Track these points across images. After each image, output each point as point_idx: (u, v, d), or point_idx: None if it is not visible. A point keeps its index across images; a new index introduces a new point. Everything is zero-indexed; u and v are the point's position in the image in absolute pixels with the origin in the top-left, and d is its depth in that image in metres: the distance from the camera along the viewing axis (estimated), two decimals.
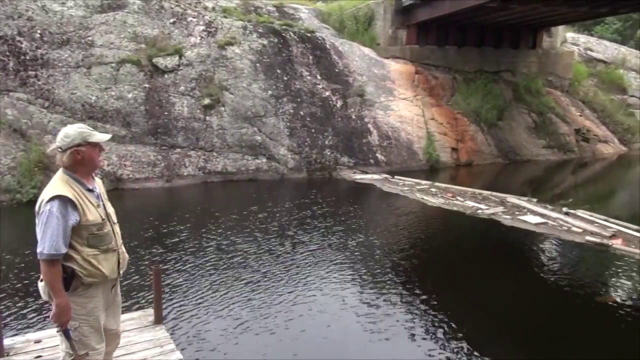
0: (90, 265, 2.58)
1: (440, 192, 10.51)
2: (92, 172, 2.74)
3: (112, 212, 2.81)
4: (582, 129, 16.77)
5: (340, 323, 4.91)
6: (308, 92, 13.33)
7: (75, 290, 2.58)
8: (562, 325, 5.04)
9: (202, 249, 6.81)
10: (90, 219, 2.57)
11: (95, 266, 2.60)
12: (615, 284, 6.06)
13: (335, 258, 6.58)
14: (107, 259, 2.67)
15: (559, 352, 4.53)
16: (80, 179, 2.63)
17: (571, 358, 4.44)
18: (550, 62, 18.00)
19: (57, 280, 2.50)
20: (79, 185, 2.61)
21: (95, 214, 2.61)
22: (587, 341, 4.73)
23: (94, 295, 2.66)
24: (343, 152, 12.72)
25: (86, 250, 2.57)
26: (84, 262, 2.56)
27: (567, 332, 4.89)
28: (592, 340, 4.74)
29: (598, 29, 29.63)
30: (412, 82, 15.41)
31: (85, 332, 2.64)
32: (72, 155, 2.59)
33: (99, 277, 2.63)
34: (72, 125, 2.69)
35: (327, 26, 17.54)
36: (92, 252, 2.59)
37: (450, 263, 6.87)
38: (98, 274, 2.61)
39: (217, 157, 11.53)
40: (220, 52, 12.94)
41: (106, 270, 2.66)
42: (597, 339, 4.75)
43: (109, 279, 2.73)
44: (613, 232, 7.70)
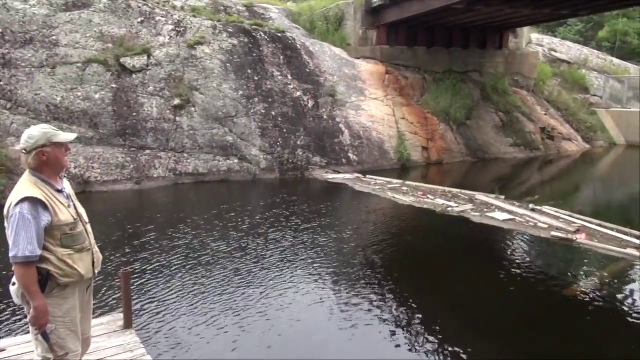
0: (66, 265, 2.57)
1: (411, 190, 10.65)
2: (59, 173, 2.71)
3: (83, 212, 2.81)
4: (547, 127, 17.26)
5: (313, 320, 4.93)
6: (279, 92, 13.31)
7: (51, 291, 2.57)
8: (531, 317, 5.19)
9: (172, 251, 6.73)
10: (62, 219, 2.55)
11: (70, 266, 2.58)
12: (580, 277, 6.26)
13: (307, 256, 6.60)
14: (82, 258, 2.66)
15: (529, 343, 4.66)
16: (48, 179, 2.61)
17: (540, 349, 4.57)
18: (516, 62, 18.46)
19: (33, 283, 2.47)
20: (47, 186, 2.58)
21: (67, 214, 2.60)
22: (556, 332, 4.87)
23: (70, 296, 2.65)
24: (315, 152, 12.75)
25: (60, 250, 2.56)
26: (59, 263, 2.54)
27: (536, 324, 5.03)
28: (560, 331, 4.89)
29: (561, 31, 30.58)
30: (382, 82, 15.57)
31: (62, 335, 2.62)
32: (37, 156, 2.56)
33: (75, 277, 2.62)
34: (35, 126, 2.65)
35: (298, 26, 17.57)
36: (66, 252, 2.58)
37: (421, 260, 6.98)
38: (74, 273, 2.60)
39: (188, 159, 11.39)
40: (190, 52, 12.80)
41: (82, 270, 2.65)
42: (565, 330, 4.90)
43: (85, 279, 2.72)
44: (577, 227, 7.95)
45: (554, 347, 4.59)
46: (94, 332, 3.81)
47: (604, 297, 5.63)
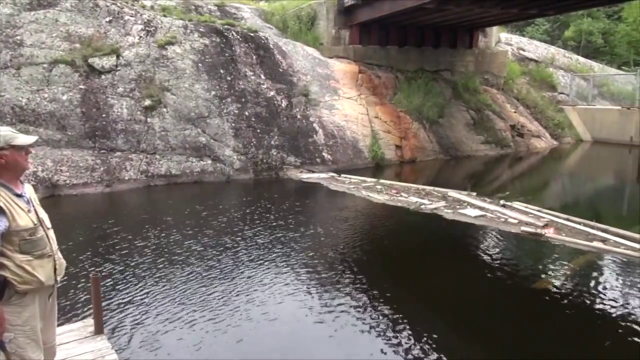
0: (25, 272, 2.49)
1: (385, 189, 10.74)
2: (19, 177, 2.64)
3: (45, 217, 2.73)
4: (517, 124, 17.63)
5: (289, 319, 4.93)
6: (252, 92, 13.24)
7: (9, 299, 2.49)
8: (502, 310, 5.31)
9: (144, 254, 6.62)
10: (20, 224, 2.48)
11: (29, 272, 2.51)
12: (549, 271, 6.42)
13: (281, 256, 6.59)
14: (43, 265, 2.59)
15: (500, 336, 4.76)
16: (7, 184, 2.54)
17: (511, 341, 4.67)
18: (486, 61, 18.79)
19: None
20: (6, 190, 2.51)
21: (26, 219, 2.53)
22: (526, 324, 4.99)
23: (30, 304, 2.57)
24: (289, 151, 12.73)
25: (19, 256, 2.48)
26: (17, 269, 2.47)
27: (507, 317, 5.14)
28: (530, 323, 5.01)
29: (529, 30, 31.29)
30: (356, 82, 15.65)
31: (22, 344, 2.54)
32: None
33: (35, 284, 2.54)
34: None
35: (270, 26, 17.52)
36: (25, 258, 2.50)
37: (395, 256, 7.05)
38: (33, 280, 2.53)
39: (160, 160, 11.23)
40: (161, 52, 12.62)
41: (42, 277, 2.57)
42: (534, 322, 5.02)
43: (46, 286, 2.64)
44: (546, 222, 8.15)
45: (524, 340, 4.70)
46: (64, 339, 3.74)
47: (572, 289, 5.78)
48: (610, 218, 9.12)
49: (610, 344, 4.60)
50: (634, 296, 5.61)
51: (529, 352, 4.49)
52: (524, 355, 4.46)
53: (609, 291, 5.74)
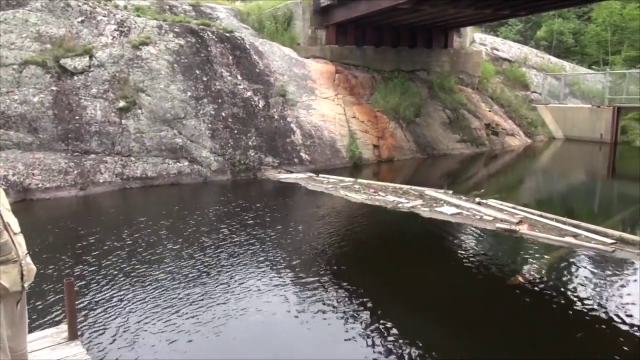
0: None
1: (363, 188, 10.80)
2: None
3: (13, 221, 2.65)
4: (492, 123, 17.93)
5: (267, 317, 4.92)
6: (229, 93, 13.16)
7: None
8: (478, 305, 5.39)
9: (119, 257, 6.53)
10: None
11: None
12: (523, 266, 6.54)
13: (259, 256, 6.57)
14: (8, 270, 2.52)
15: (476, 331, 4.83)
16: None
17: (487, 337, 4.75)
18: (461, 61, 19.05)
19: None
20: None
21: None
22: (501, 318, 5.08)
23: None
24: (267, 152, 12.70)
25: None
26: None
27: (482, 311, 5.23)
28: (506, 319, 5.11)
29: (502, 30, 31.82)
30: (332, 82, 15.69)
31: None
32: None
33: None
34: None
35: (246, 26, 17.46)
36: None
37: (373, 254, 7.10)
38: None
39: (136, 162, 11.08)
40: (135, 53, 12.44)
41: (6, 283, 2.50)
42: (510, 318, 5.12)
43: (11, 293, 2.56)
44: (520, 219, 8.31)
45: (499, 334, 4.79)
46: (37, 345, 3.66)
47: (545, 283, 5.91)
48: (582, 214, 9.37)
49: (583, 335, 4.72)
50: (604, 289, 5.77)
51: (504, 346, 4.58)
52: (500, 349, 4.54)
53: (581, 285, 5.89)
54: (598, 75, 22.24)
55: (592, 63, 29.16)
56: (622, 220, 8.86)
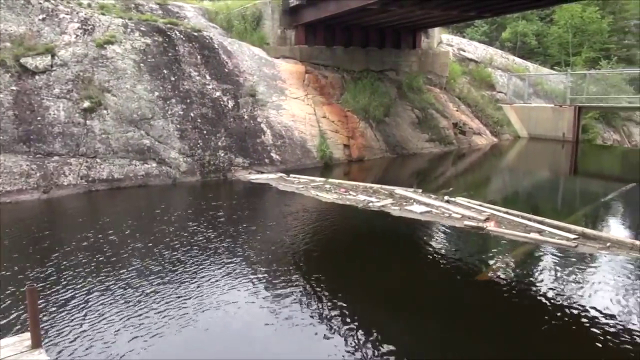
0: None
1: (334, 187, 10.84)
2: None
3: None
4: (459, 122, 18.26)
5: (237, 319, 4.88)
6: (198, 93, 12.99)
7: None
8: (448, 302, 5.48)
9: (84, 261, 6.36)
10: None
11: None
12: (491, 262, 6.68)
13: (229, 257, 6.51)
14: None
15: (445, 327, 4.91)
16: None
17: (459, 330, 4.83)
18: (429, 61, 19.33)
19: None
20: None
21: None
22: (470, 316, 5.18)
23: None
24: (237, 152, 12.59)
25: None
26: None
27: (452, 308, 5.31)
28: (475, 314, 5.21)
29: (469, 31, 32.43)
30: (302, 82, 15.69)
31: None
32: None
33: None
34: None
35: (215, 25, 17.28)
36: None
37: (344, 253, 7.13)
38: None
39: (102, 164, 10.81)
40: (99, 52, 12.14)
41: None
42: (478, 313, 5.23)
43: None
44: (487, 216, 8.49)
45: (469, 326, 4.88)
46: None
47: (513, 278, 6.06)
48: (546, 210, 9.63)
49: (547, 328, 4.85)
50: (568, 283, 5.95)
51: (475, 339, 4.67)
52: (471, 342, 4.63)
53: (546, 279, 6.06)
54: (560, 76, 22.95)
55: (555, 64, 30.03)
56: (584, 216, 9.17)
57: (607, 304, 5.30)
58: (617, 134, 21.43)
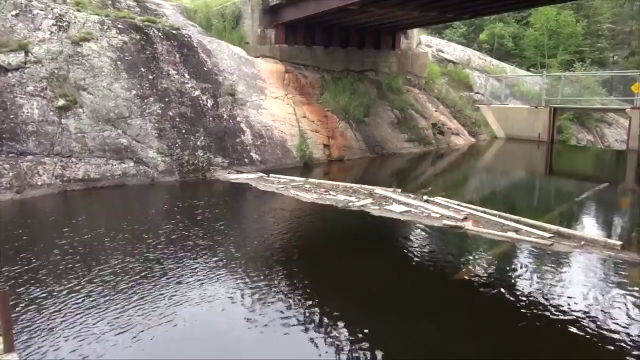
0: None
1: (314, 188, 10.83)
2: None
3: None
4: (438, 123, 18.46)
5: (218, 319, 4.84)
6: (176, 92, 12.85)
7: None
8: (426, 301, 5.53)
9: (57, 263, 6.22)
10: None
11: None
12: (469, 261, 6.77)
13: (208, 258, 6.45)
14: None
15: (424, 325, 4.95)
16: None
17: (438, 327, 4.88)
18: (408, 62, 19.50)
19: None
20: None
21: None
22: (449, 314, 5.23)
23: None
24: (217, 152, 12.49)
25: None
26: None
27: (431, 307, 5.36)
28: (453, 312, 5.26)
29: (447, 33, 32.79)
30: (282, 82, 15.65)
31: None
32: None
33: None
34: None
35: (194, 24, 17.11)
36: None
37: (325, 253, 7.13)
38: None
39: (78, 164, 10.60)
40: (75, 49, 11.90)
41: None
42: (457, 312, 5.29)
43: None
44: (465, 215, 8.59)
45: (448, 324, 4.93)
46: None
47: (490, 277, 6.15)
48: (523, 209, 9.81)
49: (524, 325, 4.94)
50: (544, 281, 6.06)
51: (454, 336, 4.72)
52: (450, 339, 4.67)
53: (523, 277, 6.16)
54: (536, 78, 23.40)
55: (531, 66, 30.58)
56: (560, 215, 9.34)
57: (581, 300, 5.42)
58: (591, 135, 21.94)
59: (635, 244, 7.21)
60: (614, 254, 6.78)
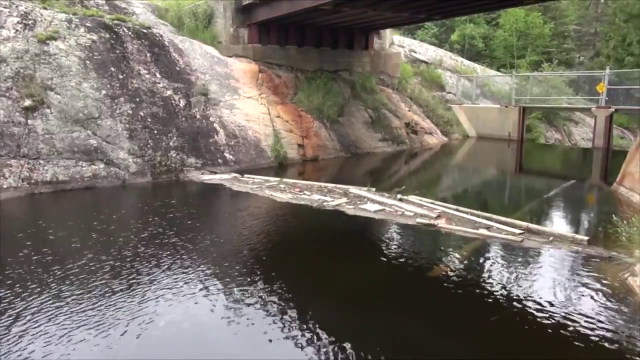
0: None
1: (288, 187, 10.81)
2: None
3: None
4: (411, 122, 18.67)
5: (193, 323, 4.78)
6: (147, 92, 12.64)
7: None
8: (400, 298, 5.58)
9: (24, 269, 6.05)
10: None
11: None
12: (442, 258, 6.86)
13: (184, 260, 6.37)
14: None
15: (398, 322, 5.00)
16: None
17: (409, 326, 4.93)
18: (381, 62, 19.66)
19: None
20: None
21: None
22: (425, 308, 5.30)
23: None
24: (189, 153, 12.34)
25: None
26: None
27: (405, 304, 5.42)
28: (429, 307, 5.33)
29: (419, 34, 33.22)
30: (256, 81, 15.57)
31: None
32: None
33: None
34: None
35: (165, 22, 16.87)
36: None
37: (299, 252, 7.13)
38: None
39: (45, 165, 10.32)
40: (42, 48, 11.60)
41: None
42: (431, 308, 5.36)
43: None
44: (438, 213, 8.71)
45: (423, 320, 5.00)
46: None
47: (463, 273, 6.24)
48: (494, 207, 10.02)
49: (497, 319, 5.05)
50: (515, 276, 6.19)
51: (430, 332, 4.78)
52: (426, 335, 4.73)
53: (494, 273, 6.28)
54: (505, 78, 23.89)
55: (500, 66, 31.24)
56: (529, 212, 9.56)
57: (550, 294, 5.56)
58: (559, 133, 22.53)
59: (601, 239, 7.44)
60: (580, 249, 6.98)
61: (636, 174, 9.86)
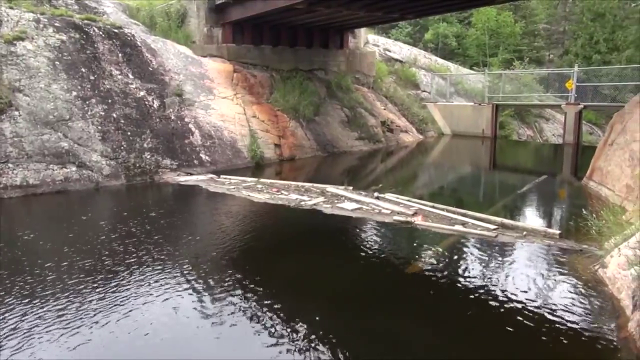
0: None
1: (265, 187, 10.77)
2: None
3: None
4: (387, 121, 18.80)
5: (172, 326, 4.73)
6: (120, 93, 12.42)
7: None
8: (379, 295, 5.62)
9: None
10: None
11: None
12: (419, 255, 6.93)
13: (158, 263, 6.29)
14: None
15: (377, 319, 5.04)
16: None
17: (388, 322, 4.97)
18: (356, 61, 19.74)
19: None
20: None
21: None
22: (403, 304, 5.35)
23: None
24: (164, 154, 12.18)
25: None
26: None
27: (383, 300, 5.46)
28: (407, 303, 5.39)
29: (394, 32, 33.47)
30: (231, 81, 15.46)
31: None
32: None
33: None
34: None
35: (137, 22, 16.60)
36: None
37: (276, 252, 7.11)
38: None
39: (14, 169, 10.05)
40: (8, 48, 11.28)
41: None
42: (410, 301, 5.41)
43: None
44: (415, 211, 8.80)
45: (401, 316, 5.04)
46: None
47: (440, 268, 6.32)
48: (469, 203, 10.17)
49: (473, 312, 5.13)
50: (490, 270, 6.31)
51: (408, 328, 4.83)
52: (404, 331, 4.78)
53: (469, 268, 6.38)
54: (478, 76, 24.25)
55: (473, 64, 31.73)
56: (503, 208, 9.74)
57: (524, 287, 5.69)
58: (530, 129, 23.01)
59: (573, 233, 7.63)
60: (553, 243, 7.15)
61: (604, 169, 10.14)
